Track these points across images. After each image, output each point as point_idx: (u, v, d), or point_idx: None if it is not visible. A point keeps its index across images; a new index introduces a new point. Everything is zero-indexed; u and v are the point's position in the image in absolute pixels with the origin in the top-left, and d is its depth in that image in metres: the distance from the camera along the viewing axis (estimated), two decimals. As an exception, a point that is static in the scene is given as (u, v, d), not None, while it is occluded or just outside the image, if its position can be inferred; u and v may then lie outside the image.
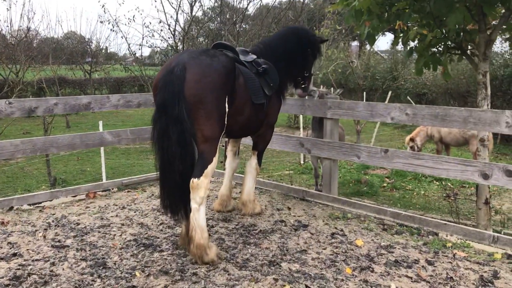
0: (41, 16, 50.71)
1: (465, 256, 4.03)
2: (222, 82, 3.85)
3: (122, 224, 4.83)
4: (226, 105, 3.91)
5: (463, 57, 5.23)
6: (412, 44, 5.53)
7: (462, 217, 5.99)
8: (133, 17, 21.32)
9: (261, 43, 5.07)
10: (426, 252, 4.11)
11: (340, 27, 12.66)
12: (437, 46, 5.12)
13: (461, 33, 4.84)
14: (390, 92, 13.85)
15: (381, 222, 4.93)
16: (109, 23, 14.43)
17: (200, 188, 3.80)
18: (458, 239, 4.39)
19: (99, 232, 4.60)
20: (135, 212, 5.26)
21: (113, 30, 26.82)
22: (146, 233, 4.56)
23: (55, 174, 10.24)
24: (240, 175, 6.37)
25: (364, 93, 20.00)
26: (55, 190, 6.01)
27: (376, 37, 5.50)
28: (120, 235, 4.51)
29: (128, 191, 6.29)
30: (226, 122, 3.96)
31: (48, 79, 21.98)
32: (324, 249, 4.17)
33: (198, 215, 3.84)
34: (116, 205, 5.55)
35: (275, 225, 4.79)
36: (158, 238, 4.44)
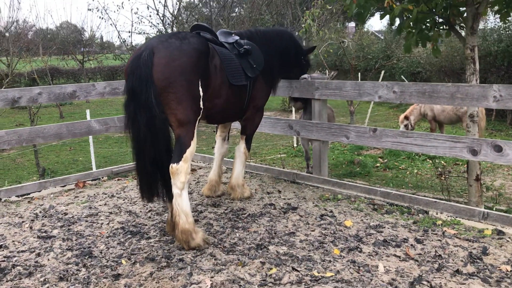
0: (29, 6, 50.12)
1: (454, 234, 3.99)
2: (192, 65, 3.77)
3: (110, 213, 4.79)
4: (200, 88, 3.84)
5: (451, 32, 5.14)
6: (399, 21, 5.43)
7: (455, 194, 5.96)
8: (122, 3, 21.05)
9: (254, 29, 5.02)
10: (415, 231, 4.08)
11: (331, 7, 12.50)
12: (425, 22, 5.02)
13: (448, 8, 4.75)
14: (383, 72, 13.71)
15: (372, 202, 4.89)
16: (98, 11, 14.21)
17: (180, 173, 3.75)
18: (448, 216, 4.35)
19: (86, 221, 4.55)
20: (124, 200, 5.22)
21: (102, 18, 26.47)
22: (134, 221, 4.52)
23: (45, 165, 10.16)
24: (231, 159, 6.32)
25: (359, 74, 19.89)
26: (44, 180, 5.95)
27: (366, 16, 5.40)
28: (108, 224, 4.46)
29: (118, 179, 6.24)
30: (202, 106, 3.90)
31: (40, 70, 21.78)
32: (313, 231, 4.14)
33: (181, 200, 3.80)
34: (105, 194, 5.50)
35: (264, 209, 4.75)
36: (146, 225, 4.40)
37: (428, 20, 4.97)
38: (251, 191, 5.22)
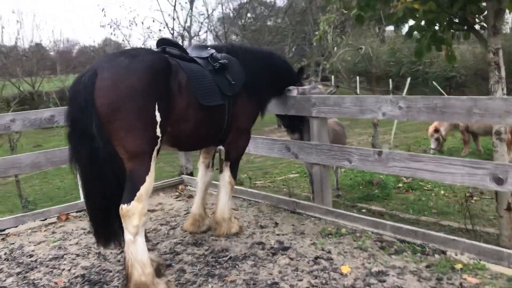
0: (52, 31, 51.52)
1: (476, 284, 3.19)
2: (145, 86, 3.18)
3: (77, 255, 4.23)
4: (157, 113, 3.23)
5: (471, 33, 4.34)
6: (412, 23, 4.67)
7: (486, 222, 5.10)
8: (134, 19, 20.63)
9: (238, 44, 4.43)
10: (426, 280, 3.30)
11: (346, 11, 11.70)
12: (438, 23, 4.24)
13: (465, 4, 3.96)
14: (409, 79, 12.71)
15: (380, 238, 4.12)
16: (110, 27, 13.99)
17: (131, 215, 3.17)
18: (470, 258, 3.54)
19: (47, 266, 4.02)
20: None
21: (114, 34, 26.21)
22: (100, 266, 3.94)
23: (28, 195, 9.61)
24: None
25: (390, 80, 18.88)
26: (21, 214, 5.48)
27: (365, 18, 4.68)
28: (69, 270, 3.90)
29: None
30: (160, 133, 3.29)
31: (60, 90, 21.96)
32: (300, 280, 3.43)
33: (135, 248, 3.20)
34: (84, 229, 4.95)
35: (251, 249, 4.06)
36: (111, 271, 3.81)
37: (441, 20, 4.19)
38: (241, 225, 4.54)
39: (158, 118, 3.26)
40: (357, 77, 20.61)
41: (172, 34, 11.51)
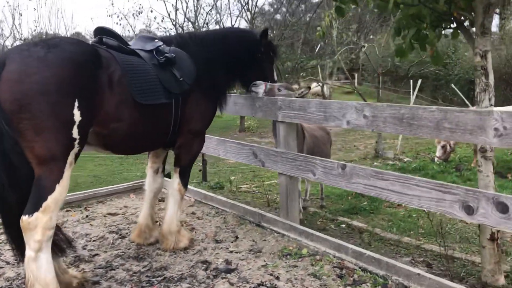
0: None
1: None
2: (61, 80, 2.77)
3: (7, 263, 3.84)
4: (76, 111, 2.80)
5: (460, 31, 3.74)
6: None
7: (476, 248, 4.47)
8: (140, 8, 19.89)
9: (189, 33, 3.94)
10: (376, 324, 2.78)
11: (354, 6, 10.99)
12: (420, 19, 3.64)
13: (451, -2, 3.37)
14: (419, 81, 11.93)
15: (341, 264, 3.60)
16: (117, 17, 13.68)
17: (34, 228, 2.77)
18: (436, 299, 2.99)
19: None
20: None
21: (120, 24, 25.60)
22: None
23: None
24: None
25: (411, 81, 17.94)
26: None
27: (346, 10, 4.14)
28: (-10, 281, 3.51)
29: (67, 210, 5.32)
30: (79, 135, 2.86)
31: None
32: (230, 313, 2.95)
33: (36, 266, 2.80)
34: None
35: (192, 269, 3.60)
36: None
37: (425, 16, 3.60)
38: (191, 239, 4.09)
39: (77, 118, 2.84)
40: (380, 77, 19.81)
41: (175, 25, 11.13)
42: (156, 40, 3.60)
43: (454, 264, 4.06)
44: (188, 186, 5.66)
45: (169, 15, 11.02)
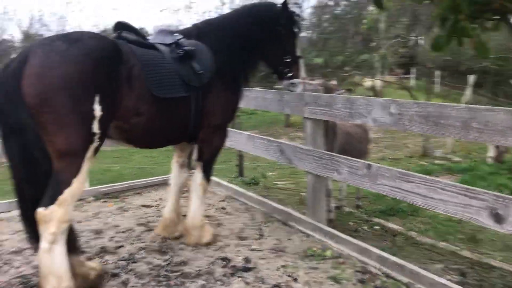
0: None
1: None
2: (82, 75, 2.79)
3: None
4: (97, 106, 2.83)
5: (504, 23, 3.43)
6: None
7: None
8: (190, 3, 19.51)
9: (204, 22, 3.84)
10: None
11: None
12: (460, 10, 3.38)
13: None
14: (473, 76, 11.24)
15: (364, 268, 3.44)
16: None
17: (49, 221, 2.81)
18: (460, 310, 2.78)
19: (1, 261, 3.79)
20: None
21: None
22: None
23: None
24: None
25: (469, 77, 16.96)
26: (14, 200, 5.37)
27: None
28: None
29: (104, 201, 5.45)
30: (99, 130, 2.88)
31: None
32: (240, 313, 2.88)
33: (50, 258, 2.84)
34: (68, 221, 4.70)
35: (211, 265, 3.57)
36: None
37: (463, 7, 3.33)
38: (215, 234, 4.05)
39: (98, 113, 2.86)
40: (437, 71, 19.00)
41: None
42: (175, 34, 3.56)
43: (491, 274, 3.78)
44: (221, 181, 5.68)
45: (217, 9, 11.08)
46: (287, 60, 3.93)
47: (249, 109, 12.48)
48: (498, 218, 2.53)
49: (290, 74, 3.95)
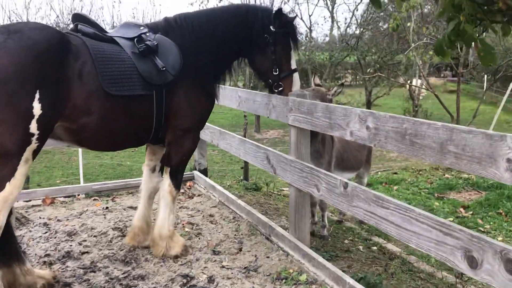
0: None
1: None
2: (19, 69, 2.58)
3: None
4: (36, 103, 2.59)
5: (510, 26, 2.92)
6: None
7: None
8: None
9: (177, 16, 3.51)
10: None
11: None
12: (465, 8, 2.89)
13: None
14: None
15: (335, 299, 3.04)
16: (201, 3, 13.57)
17: None
18: None
19: None
20: (48, 232, 4.19)
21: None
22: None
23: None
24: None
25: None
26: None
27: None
28: None
29: (94, 199, 5.29)
30: (38, 130, 2.64)
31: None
32: None
33: None
34: (50, 219, 4.56)
35: (170, 283, 3.29)
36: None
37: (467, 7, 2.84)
38: (185, 246, 3.75)
39: (38, 111, 2.63)
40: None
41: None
42: (141, 28, 3.27)
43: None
44: (216, 185, 5.37)
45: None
46: (276, 74, 3.61)
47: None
48: (472, 262, 2.09)
49: (279, 89, 3.64)
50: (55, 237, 4.09)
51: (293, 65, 3.72)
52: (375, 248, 4.49)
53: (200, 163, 6.03)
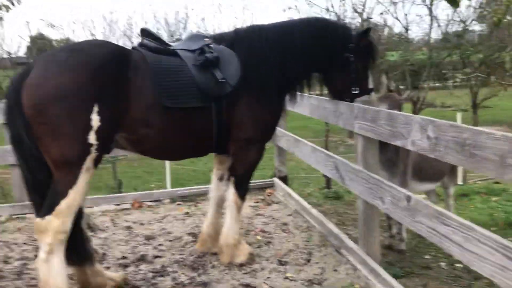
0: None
1: None
2: (78, 85, 2.77)
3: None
4: (95, 116, 2.78)
5: None
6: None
7: None
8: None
9: (245, 30, 3.54)
10: None
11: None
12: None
13: None
14: None
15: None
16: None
17: (45, 231, 2.83)
18: None
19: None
20: (130, 235, 4.45)
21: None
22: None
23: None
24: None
25: None
26: (97, 196, 5.72)
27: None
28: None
29: (178, 204, 5.52)
30: (97, 141, 2.83)
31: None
32: None
33: (47, 269, 2.85)
34: (135, 223, 4.84)
35: (227, 293, 3.30)
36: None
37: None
38: (251, 254, 3.75)
39: (96, 123, 2.82)
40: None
41: (338, 18, 10.56)
42: (206, 39, 3.33)
43: None
44: (292, 193, 5.31)
45: (327, 9, 10.53)
46: (356, 92, 3.53)
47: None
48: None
49: None
50: (134, 240, 4.32)
51: (371, 84, 3.67)
52: (459, 265, 4.10)
53: (280, 170, 6.01)
